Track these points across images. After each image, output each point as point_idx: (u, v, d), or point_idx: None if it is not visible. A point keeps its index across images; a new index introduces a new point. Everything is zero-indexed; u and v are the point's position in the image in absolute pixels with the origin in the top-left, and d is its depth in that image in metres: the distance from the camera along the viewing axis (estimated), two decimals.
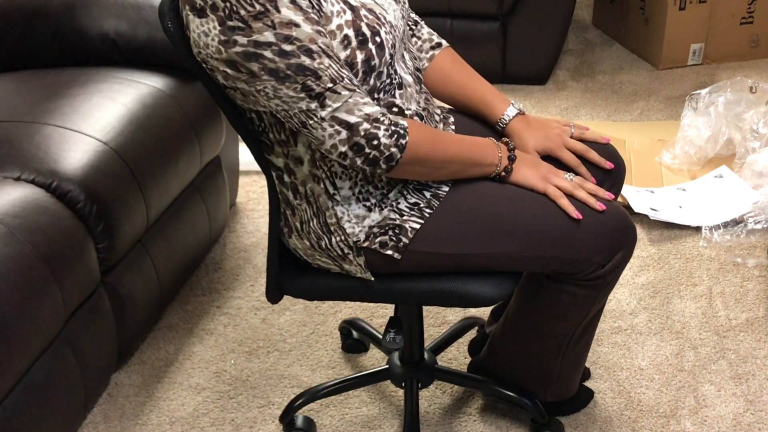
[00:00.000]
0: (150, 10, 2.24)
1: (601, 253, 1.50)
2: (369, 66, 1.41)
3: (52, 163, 1.82)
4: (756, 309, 2.20)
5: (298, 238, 1.55)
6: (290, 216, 1.54)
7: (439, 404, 1.96)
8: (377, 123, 1.38)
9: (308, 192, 1.50)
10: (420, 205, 1.51)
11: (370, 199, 1.50)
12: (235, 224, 2.63)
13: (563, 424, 1.86)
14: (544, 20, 3.35)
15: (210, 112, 2.28)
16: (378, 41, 1.41)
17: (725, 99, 2.81)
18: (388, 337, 1.70)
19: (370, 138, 1.38)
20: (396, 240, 1.49)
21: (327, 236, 1.51)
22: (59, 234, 1.73)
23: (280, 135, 1.46)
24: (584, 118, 3.20)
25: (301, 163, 1.48)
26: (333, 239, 1.51)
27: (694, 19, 3.46)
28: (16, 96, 2.08)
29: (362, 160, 1.40)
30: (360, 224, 1.50)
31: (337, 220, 1.49)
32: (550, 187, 1.50)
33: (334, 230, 1.50)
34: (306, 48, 1.32)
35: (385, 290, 1.56)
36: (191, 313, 2.28)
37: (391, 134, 1.39)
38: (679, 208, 2.57)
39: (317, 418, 1.93)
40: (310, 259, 1.58)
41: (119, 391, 2.03)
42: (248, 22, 1.29)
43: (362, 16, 1.40)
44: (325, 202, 1.49)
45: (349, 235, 1.50)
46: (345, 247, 1.51)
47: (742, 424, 1.86)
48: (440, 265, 1.52)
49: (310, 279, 1.61)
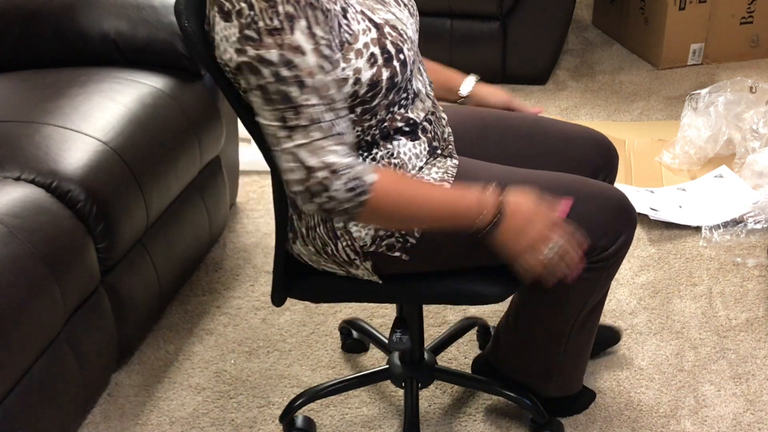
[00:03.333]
0: (150, 10, 2.24)
1: (606, 236, 1.52)
2: (392, 83, 1.41)
3: (52, 163, 1.82)
4: (756, 309, 2.20)
5: (303, 244, 1.55)
6: (296, 221, 1.53)
7: (439, 404, 1.96)
8: (336, 174, 1.32)
9: None
10: None
11: None
12: (235, 224, 2.63)
13: (563, 424, 1.86)
14: (544, 20, 3.35)
15: (210, 112, 2.28)
16: (402, 58, 1.41)
17: (725, 99, 2.81)
18: (394, 337, 1.70)
19: (323, 189, 1.32)
20: (403, 241, 1.49)
21: (333, 242, 1.50)
22: (59, 234, 1.73)
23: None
24: (584, 118, 3.20)
25: None
26: (339, 245, 1.50)
27: (694, 19, 3.46)
28: (16, 96, 2.08)
29: (315, 207, 1.35)
30: (366, 227, 1.49)
31: (343, 225, 1.49)
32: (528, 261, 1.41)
33: (340, 235, 1.49)
34: (300, 80, 1.29)
35: (392, 291, 1.56)
36: (191, 313, 2.28)
37: (349, 189, 1.33)
38: (679, 208, 2.57)
39: (317, 418, 1.93)
40: (315, 264, 1.58)
41: (119, 391, 2.03)
42: (262, 35, 1.28)
43: (386, 34, 1.41)
44: None
45: (355, 239, 1.49)
46: (351, 252, 1.50)
47: (742, 424, 1.87)
48: (446, 263, 1.52)
49: (315, 282, 1.60)
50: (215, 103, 2.32)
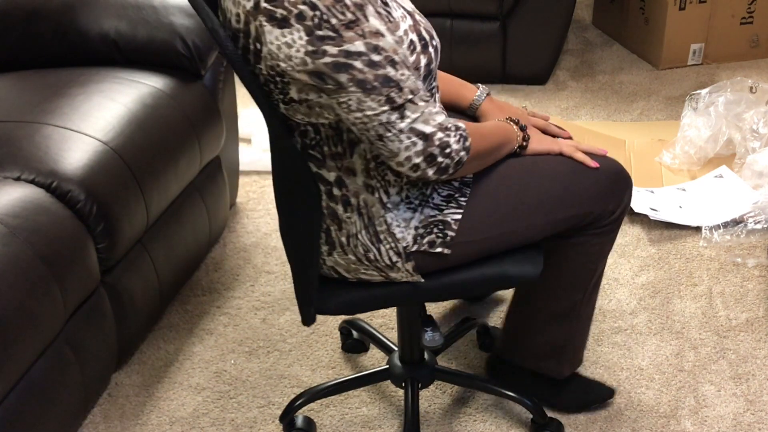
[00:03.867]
0: (150, 10, 2.25)
1: (612, 200, 1.62)
2: (429, 69, 1.43)
3: (52, 163, 1.82)
4: (756, 309, 2.20)
5: (342, 254, 1.52)
6: (335, 231, 1.51)
7: (439, 404, 1.96)
8: (447, 131, 1.39)
9: (360, 203, 1.48)
10: (454, 196, 1.53)
11: (413, 201, 1.51)
12: (235, 224, 2.63)
13: (563, 424, 1.86)
14: (544, 20, 3.34)
15: (210, 112, 2.28)
16: (435, 44, 1.44)
17: (725, 99, 2.81)
18: (427, 336, 1.69)
19: (443, 147, 1.39)
20: (443, 236, 1.51)
21: (376, 246, 1.50)
22: (59, 234, 1.73)
23: (336, 147, 1.44)
24: (584, 118, 3.20)
25: (355, 174, 1.46)
26: (382, 248, 1.50)
27: (694, 19, 3.46)
28: (16, 96, 2.08)
29: (434, 170, 1.40)
30: (407, 227, 1.50)
31: (387, 227, 1.49)
32: (564, 147, 1.60)
33: (383, 238, 1.50)
34: (391, 58, 1.31)
35: (433, 288, 1.56)
36: (191, 313, 2.28)
37: (458, 139, 1.41)
38: (679, 208, 2.57)
39: (317, 418, 1.93)
40: (351, 274, 1.55)
41: (119, 391, 2.03)
42: (339, 31, 1.27)
43: (418, 21, 1.43)
44: (378, 211, 1.49)
45: (398, 240, 1.50)
46: (394, 254, 1.50)
47: (742, 424, 1.87)
48: (483, 251, 1.55)
49: (348, 294, 1.58)
50: (215, 103, 2.32)
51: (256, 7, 1.29)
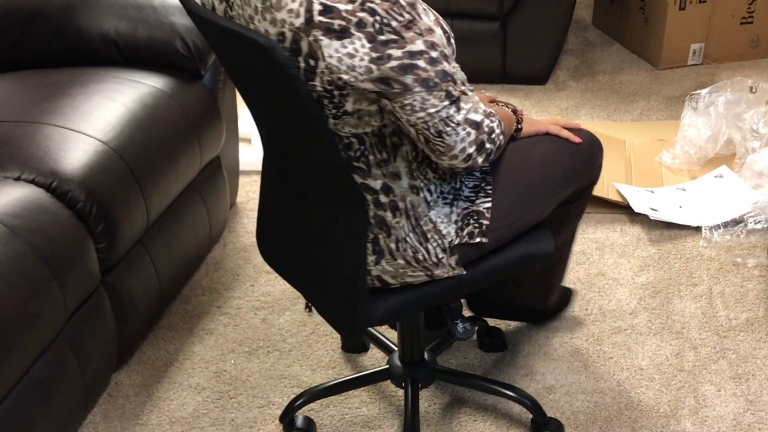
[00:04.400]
0: (150, 10, 2.25)
1: (595, 169, 1.78)
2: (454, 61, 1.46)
3: (52, 163, 1.82)
4: (756, 309, 2.20)
5: (390, 261, 1.51)
6: (383, 239, 1.49)
7: (439, 404, 1.96)
8: (491, 117, 1.43)
9: (408, 206, 1.48)
10: (481, 185, 1.56)
11: (447, 196, 1.53)
12: (235, 224, 2.63)
13: (563, 424, 1.86)
14: (544, 20, 3.34)
15: (210, 112, 2.28)
16: (453, 37, 1.45)
17: (725, 99, 2.81)
18: (459, 328, 1.70)
19: (490, 133, 1.42)
20: (479, 225, 1.54)
21: (424, 246, 1.50)
22: (59, 234, 1.73)
23: (381, 154, 1.43)
24: (584, 118, 3.20)
25: (399, 178, 1.46)
26: (430, 246, 1.50)
27: (694, 19, 3.46)
28: (16, 96, 2.08)
29: (483, 158, 1.44)
30: (449, 222, 1.52)
31: (433, 225, 1.50)
32: (552, 127, 1.70)
33: (430, 237, 1.50)
34: (444, 53, 1.32)
35: (473, 279, 1.57)
36: (191, 313, 2.28)
37: (498, 123, 1.45)
38: (679, 208, 2.57)
39: (317, 418, 1.93)
40: (398, 279, 1.54)
41: (119, 391, 2.03)
42: (401, 32, 1.26)
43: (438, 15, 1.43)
44: (423, 211, 1.49)
45: (444, 236, 1.51)
46: (440, 251, 1.51)
47: (742, 424, 1.87)
48: (509, 235, 1.60)
49: (391, 301, 1.54)
50: (215, 103, 2.32)
51: (308, 22, 1.24)
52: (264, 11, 1.28)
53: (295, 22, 1.25)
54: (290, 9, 1.24)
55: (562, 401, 1.95)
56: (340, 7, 1.23)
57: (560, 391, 1.97)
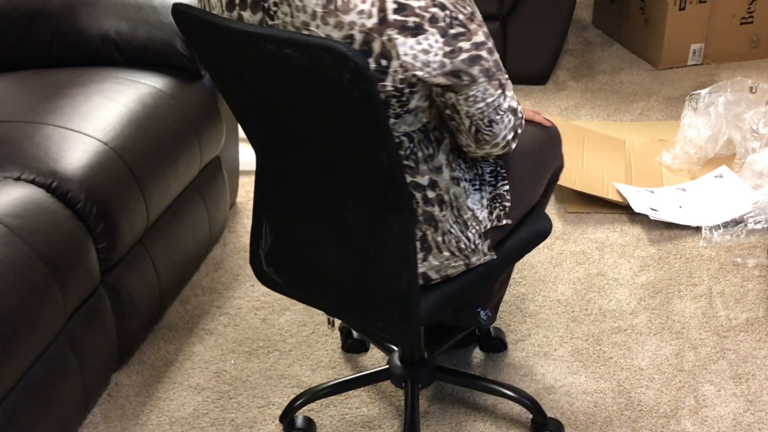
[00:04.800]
0: (150, 10, 2.24)
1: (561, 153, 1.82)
2: None
3: (52, 163, 1.82)
4: (756, 309, 2.20)
5: (438, 254, 1.51)
6: (431, 234, 1.49)
7: (439, 404, 1.96)
8: (519, 103, 1.47)
9: (451, 198, 1.49)
10: (497, 169, 1.58)
11: (475, 182, 1.54)
12: (235, 224, 2.63)
13: (563, 424, 1.86)
14: (544, 20, 3.34)
15: (210, 112, 2.28)
16: None
17: (725, 99, 2.81)
18: (483, 315, 1.72)
19: (521, 118, 1.46)
20: (503, 207, 1.57)
21: (465, 234, 1.52)
22: (59, 234, 1.73)
23: (428, 149, 1.44)
24: (584, 118, 3.20)
25: (441, 171, 1.47)
26: (469, 234, 1.53)
27: (694, 19, 3.46)
28: (16, 96, 2.08)
29: (516, 143, 1.48)
30: (482, 207, 1.54)
31: (471, 212, 1.52)
32: (527, 111, 1.73)
33: (470, 224, 1.53)
34: (493, 43, 1.35)
35: (500, 262, 1.60)
36: (191, 313, 2.28)
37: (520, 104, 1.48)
38: (679, 208, 2.57)
39: (317, 418, 1.93)
40: (440, 273, 1.53)
41: (119, 391, 2.03)
42: (467, 25, 1.27)
43: None
44: (463, 200, 1.51)
45: (480, 221, 1.54)
46: (477, 237, 1.54)
47: (742, 424, 1.87)
48: (522, 216, 1.64)
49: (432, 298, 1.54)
50: (215, 103, 2.32)
51: (382, 21, 1.23)
52: (326, 15, 1.25)
53: (367, 23, 1.23)
54: (361, 10, 1.23)
55: (562, 401, 1.95)
56: (413, 4, 1.23)
57: (560, 391, 1.97)
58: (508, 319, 2.20)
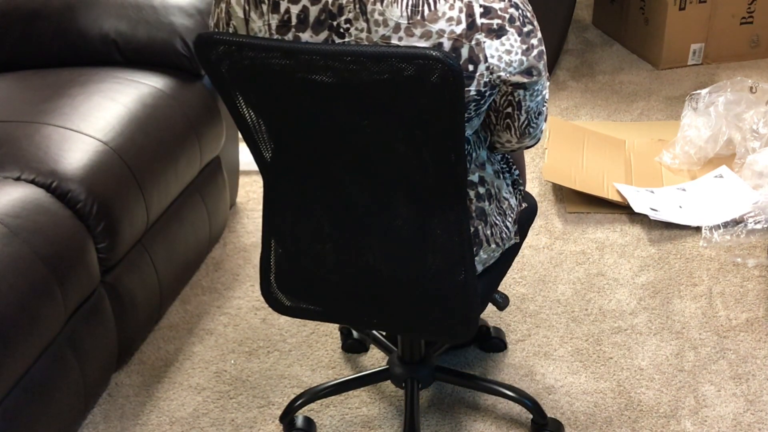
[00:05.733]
0: (150, 10, 2.24)
1: None
2: None
3: (52, 163, 1.82)
4: (756, 309, 2.20)
5: (486, 247, 1.52)
6: (482, 229, 1.50)
7: (439, 404, 1.96)
8: None
9: (495, 191, 1.52)
10: (505, 157, 1.62)
11: (501, 170, 1.57)
12: (235, 224, 2.63)
13: (563, 424, 1.86)
14: (544, 20, 3.33)
15: (210, 112, 2.28)
16: None
17: (725, 99, 2.81)
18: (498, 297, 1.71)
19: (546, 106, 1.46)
20: (520, 192, 1.62)
21: (505, 223, 1.55)
22: (59, 234, 1.73)
23: (479, 149, 1.48)
24: (584, 118, 3.20)
25: (485, 167, 1.50)
26: (507, 222, 1.55)
27: (694, 19, 3.46)
28: (16, 96, 2.08)
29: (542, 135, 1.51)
30: (511, 194, 1.57)
31: (507, 201, 1.55)
32: None
33: (507, 213, 1.55)
34: None
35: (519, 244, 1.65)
36: (191, 313, 2.28)
37: None
38: (679, 208, 2.57)
39: (317, 418, 1.93)
40: (485, 264, 1.55)
41: (119, 391, 2.03)
42: (533, 22, 1.30)
43: None
44: (503, 192, 1.54)
45: (513, 209, 1.57)
46: (512, 223, 1.57)
47: (742, 424, 1.87)
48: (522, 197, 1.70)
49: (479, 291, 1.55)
50: (215, 103, 2.32)
51: (471, 26, 1.25)
52: (411, 26, 1.25)
53: (456, 30, 1.24)
54: (450, 17, 1.24)
55: (562, 401, 1.95)
56: (495, 6, 1.26)
57: (560, 391, 1.97)
58: (508, 319, 2.20)
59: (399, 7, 1.23)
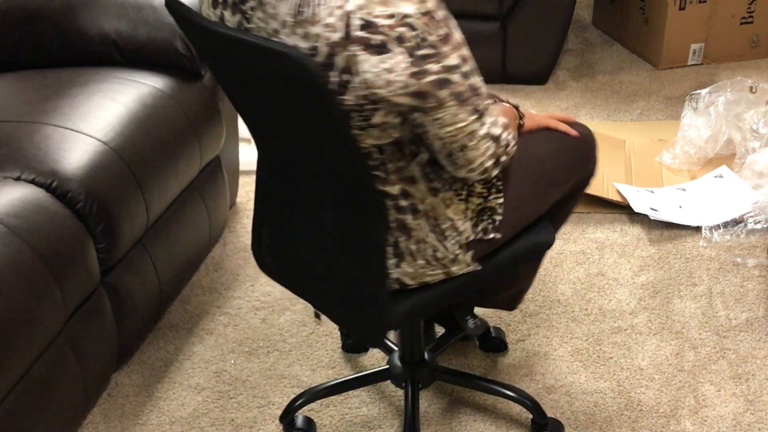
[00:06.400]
0: (150, 10, 2.24)
1: (591, 161, 1.78)
2: None
3: (52, 163, 1.82)
4: (756, 309, 2.20)
5: (411, 262, 1.51)
6: (404, 242, 1.49)
7: (439, 404, 1.96)
8: (507, 128, 1.43)
9: (427, 207, 1.49)
10: (492, 181, 1.56)
11: (461, 192, 1.53)
12: (235, 224, 2.63)
13: (563, 424, 1.86)
14: (544, 20, 3.34)
15: (210, 112, 2.28)
16: None
17: (725, 99, 2.81)
18: (470, 323, 1.73)
19: (506, 145, 1.43)
20: (492, 221, 1.56)
21: (443, 244, 1.51)
22: (59, 234, 1.73)
23: (399, 162, 1.43)
24: (584, 118, 3.20)
25: (416, 182, 1.46)
26: (448, 244, 1.51)
27: (694, 19, 3.46)
28: (16, 96, 2.08)
29: (497, 169, 1.45)
30: (465, 219, 1.53)
31: (451, 222, 1.51)
32: (551, 122, 1.73)
33: (448, 234, 1.51)
34: (473, 67, 1.32)
35: (487, 273, 1.59)
36: (191, 313, 2.28)
37: (510, 133, 1.44)
38: (679, 208, 2.57)
39: (317, 418, 1.93)
40: (416, 280, 1.53)
41: (119, 391, 2.03)
42: (437, 47, 1.25)
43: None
44: (442, 211, 1.50)
45: (461, 232, 1.52)
46: (458, 248, 1.52)
47: (742, 424, 1.87)
48: (518, 229, 1.62)
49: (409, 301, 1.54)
50: (215, 103, 2.32)
51: (347, 37, 1.21)
52: (295, 26, 1.25)
53: (332, 37, 1.23)
54: (327, 23, 1.22)
55: (562, 401, 1.95)
56: (379, 22, 1.21)
57: (560, 391, 1.97)
58: (508, 319, 2.20)
59: (287, 4, 1.24)
